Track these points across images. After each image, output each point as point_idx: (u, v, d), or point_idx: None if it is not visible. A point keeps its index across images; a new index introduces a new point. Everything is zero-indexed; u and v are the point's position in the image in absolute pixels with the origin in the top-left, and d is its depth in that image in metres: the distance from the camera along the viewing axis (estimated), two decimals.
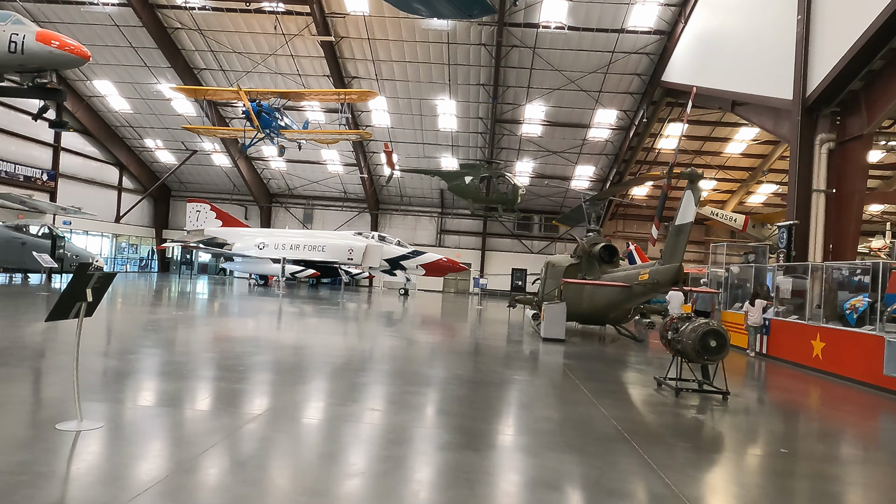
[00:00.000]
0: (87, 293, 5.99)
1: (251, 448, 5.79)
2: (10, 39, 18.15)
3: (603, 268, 16.50)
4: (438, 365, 11.64)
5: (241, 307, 23.02)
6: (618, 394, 10.17)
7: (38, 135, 35.42)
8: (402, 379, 9.86)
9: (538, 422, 7.55)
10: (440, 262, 36.98)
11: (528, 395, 9.34)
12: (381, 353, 12.63)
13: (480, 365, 12.02)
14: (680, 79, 28.85)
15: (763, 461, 6.74)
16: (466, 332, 19.18)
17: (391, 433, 6.58)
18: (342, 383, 9.20)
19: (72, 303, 5.96)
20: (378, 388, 9.14)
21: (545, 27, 29.68)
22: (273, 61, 33.37)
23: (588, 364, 12.98)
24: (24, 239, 27.11)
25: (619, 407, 8.91)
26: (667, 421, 8.25)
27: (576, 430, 7.30)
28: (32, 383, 8.04)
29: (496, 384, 10.03)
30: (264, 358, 11.03)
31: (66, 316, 6.00)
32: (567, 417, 7.90)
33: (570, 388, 10.05)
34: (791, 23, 18.31)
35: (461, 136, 38.87)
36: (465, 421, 7.41)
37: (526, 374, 11.52)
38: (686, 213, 11.50)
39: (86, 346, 10.60)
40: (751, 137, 36.97)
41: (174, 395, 7.78)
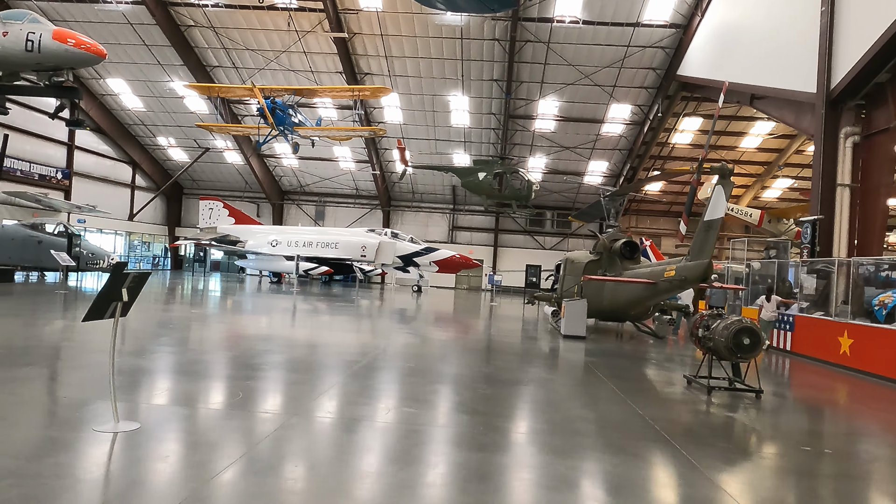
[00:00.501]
0: (122, 293, 5.92)
1: (293, 450, 5.70)
2: (27, 38, 18.17)
3: (624, 264, 16.33)
4: (462, 363, 11.54)
5: (258, 305, 23.00)
6: (648, 392, 10.03)
7: (53, 133, 35.56)
8: (428, 378, 9.76)
9: (574, 422, 7.43)
10: (453, 258, 36.87)
11: (558, 394, 9.22)
12: (403, 351, 12.53)
13: (504, 363, 11.90)
14: (696, 73, 28.57)
15: (811, 462, 6.58)
16: (484, 329, 19.06)
17: (428, 435, 6.48)
18: (369, 382, 9.11)
19: (108, 303, 5.89)
20: (405, 387, 9.05)
21: (559, 21, 29.44)
22: (286, 58, 33.31)
23: (612, 361, 12.83)
24: (40, 237, 27.23)
25: (653, 406, 8.77)
26: (704, 420, 8.12)
27: (614, 430, 7.17)
28: (63, 384, 7.99)
29: (524, 382, 9.92)
30: (287, 356, 10.96)
31: (102, 316, 5.93)
32: (602, 417, 7.78)
33: (598, 386, 9.92)
34: (814, 15, 18.03)
35: (474, 132, 38.70)
36: (500, 421, 7.30)
37: (552, 371, 11.39)
38: (716, 208, 11.32)
39: (105, 344, 10.59)
40: (767, 132, 36.56)
41: (204, 395, 7.72)
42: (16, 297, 19.56)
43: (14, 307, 16.65)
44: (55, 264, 26.53)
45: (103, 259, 28.33)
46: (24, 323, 13.56)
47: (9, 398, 6.90)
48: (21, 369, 8.43)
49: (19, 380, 7.90)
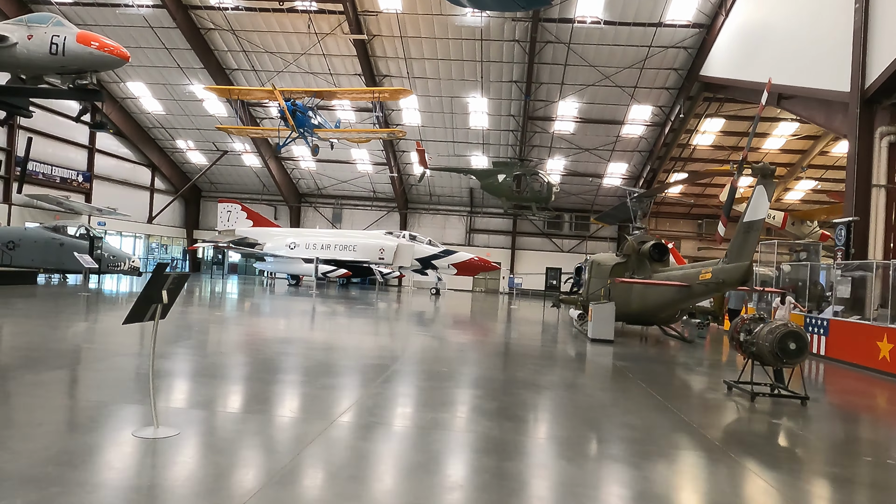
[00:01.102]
0: (162, 295, 5.77)
1: (337, 458, 5.51)
2: (52, 41, 18.19)
3: (653, 266, 16.03)
4: (494, 367, 11.32)
5: (279, 307, 22.91)
6: (690, 398, 9.74)
7: (74, 137, 35.81)
8: (463, 383, 9.56)
9: (622, 429, 7.18)
10: (472, 261, 36.65)
11: (599, 400, 8.96)
12: (432, 355, 12.33)
13: (537, 367, 11.65)
14: (720, 73, 28.19)
15: (877, 474, 6.29)
16: (509, 332, 18.82)
17: (480, 442, 6.26)
18: (405, 388, 8.93)
19: (148, 305, 5.74)
20: (445, 393, 8.83)
21: (580, 22, 29.16)
22: (305, 61, 33.30)
23: (645, 366, 12.54)
24: (62, 240, 27.35)
25: (698, 413, 8.51)
26: (753, 428, 7.85)
27: (664, 438, 6.92)
28: (96, 387, 7.86)
29: (561, 388, 9.68)
30: (317, 360, 10.79)
31: (143, 318, 5.78)
32: (649, 424, 7.52)
33: (637, 392, 9.65)
34: (847, 12, 17.65)
35: (492, 134, 38.49)
36: (549, 429, 7.08)
37: (587, 376, 11.13)
38: (757, 209, 11.02)
39: (133, 346, 10.48)
40: (790, 132, 36.03)
41: (238, 399, 7.57)
42: (40, 300, 19.60)
43: (40, 309, 16.65)
44: (77, 266, 26.66)
45: (124, 261, 28.42)
46: (52, 325, 13.52)
47: (43, 402, 6.79)
48: (53, 372, 8.34)
49: (52, 383, 7.79)
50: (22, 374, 8.04)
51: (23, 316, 14.68)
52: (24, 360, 9.09)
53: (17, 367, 8.59)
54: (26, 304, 17.88)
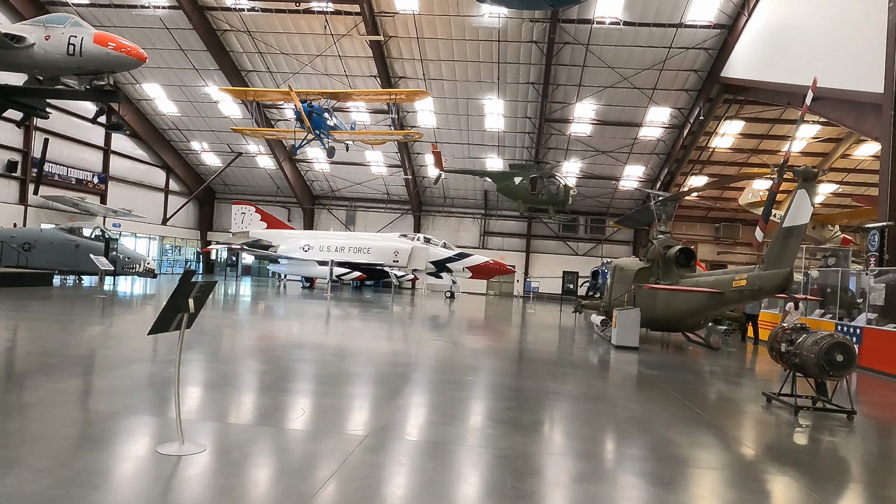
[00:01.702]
0: (189, 304, 5.47)
1: (373, 477, 5.18)
2: (69, 42, 18.08)
3: (680, 272, 15.60)
4: (522, 376, 10.97)
5: (296, 311, 22.65)
6: (729, 411, 9.32)
7: (90, 138, 35.82)
8: (495, 393, 9.21)
9: (668, 446, 6.81)
10: (487, 264, 36.31)
11: (635, 412, 8.57)
12: (458, 363, 11.98)
13: (567, 376, 11.29)
14: (742, 74, 27.69)
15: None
16: (531, 338, 18.44)
17: (519, 460, 5.91)
18: (438, 398, 8.60)
19: (174, 314, 5.45)
20: (477, 403, 8.49)
21: (599, 23, 28.76)
22: (320, 62, 33.10)
23: (676, 375, 12.14)
24: (77, 241, 27.28)
25: (743, 428, 8.12)
26: (803, 445, 7.44)
27: (715, 457, 6.54)
28: (115, 396, 7.58)
29: (594, 399, 9.30)
30: (341, 367, 10.49)
31: (168, 328, 5.49)
32: (696, 442, 7.13)
33: (673, 404, 9.26)
34: (879, 10, 17.16)
35: (508, 137, 38.13)
36: (588, 445, 6.72)
37: (618, 387, 10.74)
38: (798, 213, 10.58)
39: (150, 353, 10.20)
40: (811, 135, 35.41)
41: (262, 411, 7.26)
42: (56, 302, 19.45)
43: (56, 312, 16.47)
44: (93, 268, 26.53)
45: (139, 263, 28.30)
46: (68, 329, 13.32)
47: (62, 413, 6.51)
48: (71, 380, 8.09)
49: (70, 392, 7.53)
50: (39, 382, 7.79)
51: (39, 319, 14.49)
52: (41, 366, 8.85)
53: (33, 373, 8.35)
54: (42, 306, 17.73)
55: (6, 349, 10.16)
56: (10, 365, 9.02)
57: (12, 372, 8.52)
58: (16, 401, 6.86)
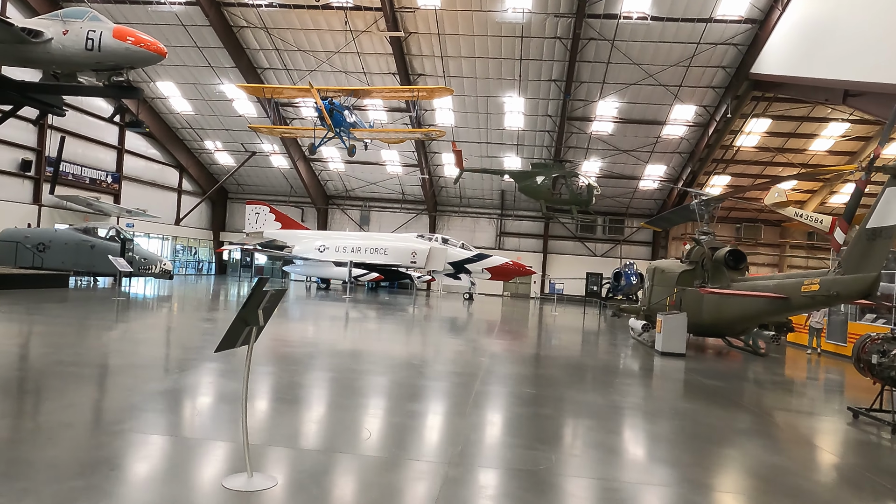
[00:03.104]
0: (259, 317, 4.80)
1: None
2: (88, 37, 17.50)
3: (731, 275, 14.85)
4: (580, 388, 10.28)
5: (321, 314, 21.99)
6: (818, 430, 8.58)
7: (104, 137, 35.27)
8: (564, 409, 8.52)
9: (767, 469, 6.09)
10: (506, 265, 35.58)
11: (713, 429, 7.84)
12: (513, 374, 11.27)
13: (626, 387, 10.58)
14: (774, 70, 26.90)
15: None
16: (571, 345, 17.76)
17: (628, 492, 5.20)
18: (507, 415, 7.92)
19: (243, 328, 4.77)
20: (550, 421, 7.79)
21: (627, 17, 28.00)
22: (338, 59, 32.45)
23: (740, 386, 11.43)
24: (93, 242, 26.70)
25: (849, 451, 7.38)
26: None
27: (833, 488, 5.83)
28: (165, 416, 6.92)
29: (670, 415, 8.58)
30: (391, 378, 9.81)
31: (235, 344, 4.81)
32: (798, 468, 6.41)
33: (752, 419, 8.55)
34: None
35: (527, 135, 37.38)
36: (697, 474, 6.00)
37: (687, 400, 10.00)
38: (886, 213, 9.84)
39: (192, 364, 9.54)
40: (840, 133, 34.59)
41: (328, 432, 6.58)
42: (75, 304, 18.84)
43: (78, 316, 15.83)
44: (108, 269, 25.94)
45: (155, 264, 27.69)
46: (95, 335, 12.70)
47: (108, 439, 5.84)
48: (110, 396, 7.43)
49: (112, 411, 6.87)
50: (74, 398, 7.13)
51: (63, 324, 13.85)
52: (72, 379, 8.19)
53: (63, 387, 7.68)
54: (62, 309, 17.11)
55: (32, 357, 9.52)
56: (38, 377, 8.36)
57: (41, 385, 7.87)
58: (51, 422, 6.20)
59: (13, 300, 17.88)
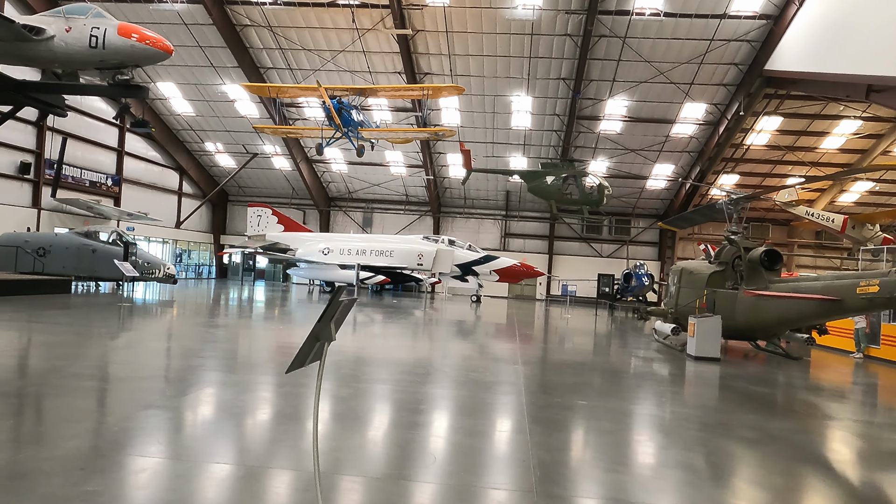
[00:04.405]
0: (332, 330, 4.19)
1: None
2: (91, 34, 16.86)
3: (768, 276, 14.30)
4: (621, 396, 9.71)
5: None
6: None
7: (104, 139, 34.55)
8: (627, 423, 7.93)
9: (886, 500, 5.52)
10: (515, 267, 35.00)
11: (791, 445, 7.26)
12: (556, 383, 10.68)
13: (670, 396, 10.02)
14: (790, 66, 26.44)
15: None
16: (594, 349, 17.20)
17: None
18: (571, 433, 7.31)
19: (314, 344, 4.17)
20: (622, 439, 7.20)
21: (639, 14, 27.53)
22: (343, 58, 31.84)
23: (793, 394, 10.86)
24: (94, 246, 25.99)
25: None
26: None
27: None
28: (211, 438, 6.30)
29: (727, 427, 7.97)
30: (433, 390, 9.19)
31: (305, 363, 4.20)
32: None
33: (825, 432, 7.97)
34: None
35: (534, 135, 36.84)
36: (786, 497, 5.43)
37: (739, 409, 9.37)
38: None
39: (218, 375, 8.92)
40: (851, 131, 34.20)
41: (391, 456, 5.96)
42: (78, 312, 18.14)
43: (85, 323, 15.15)
44: (110, 274, 25.29)
45: (158, 269, 26.98)
46: (117, 345, 12.05)
47: (160, 470, 5.21)
48: (141, 416, 6.80)
49: (157, 433, 6.24)
50: (104, 419, 6.50)
51: (71, 332, 13.16)
52: (95, 395, 7.56)
53: (89, 409, 7.05)
54: (66, 316, 16.41)
55: (42, 371, 8.85)
56: (56, 392, 7.72)
57: (59, 404, 7.23)
58: (82, 447, 5.57)
59: (14, 307, 17.19)
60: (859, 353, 16.81)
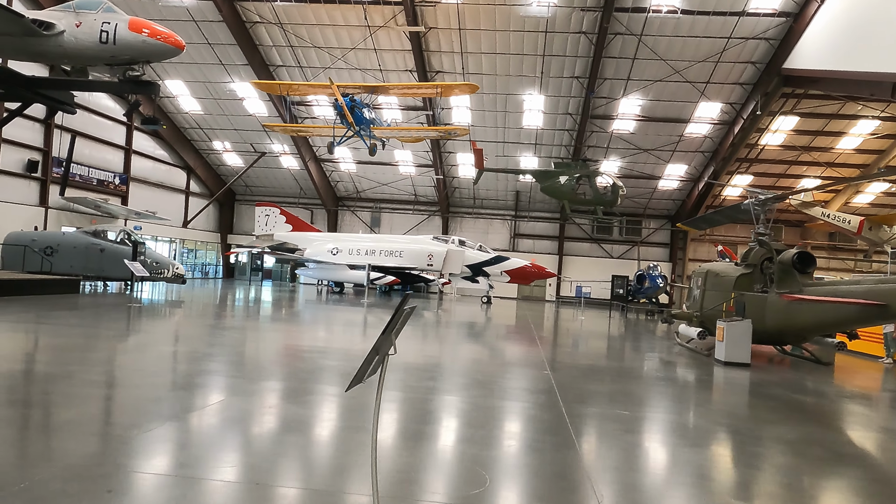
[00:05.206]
0: (393, 341, 3.78)
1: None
2: (102, 29, 16.50)
3: (802, 279, 13.84)
4: (660, 406, 9.29)
5: (352, 321, 20.94)
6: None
7: (112, 137, 34.23)
8: (662, 432, 7.50)
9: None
10: (526, 268, 34.54)
11: (878, 472, 6.84)
12: (593, 391, 10.23)
13: (709, 405, 9.58)
14: (810, 64, 25.95)
15: None
16: (618, 353, 16.78)
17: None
18: (617, 446, 6.89)
19: (373, 359, 3.75)
20: (662, 451, 6.78)
21: (656, 11, 27.07)
22: (353, 56, 31.43)
23: (842, 406, 10.40)
24: (102, 245, 25.66)
25: None
26: None
27: None
28: (256, 455, 5.88)
29: (790, 442, 7.54)
30: (458, 399, 8.77)
31: (364, 378, 3.78)
32: None
33: None
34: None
35: (545, 134, 36.40)
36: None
37: (791, 419, 8.93)
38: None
39: (243, 384, 8.50)
40: (868, 131, 33.68)
41: (443, 477, 5.53)
42: (89, 312, 17.77)
43: (97, 325, 14.77)
44: (118, 273, 24.96)
45: (168, 268, 26.61)
46: (120, 348, 11.65)
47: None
48: (180, 427, 6.38)
49: (202, 448, 5.82)
50: (140, 434, 6.09)
51: (84, 335, 12.78)
52: (120, 404, 7.15)
53: (126, 422, 6.64)
54: (75, 317, 16.03)
55: (57, 376, 8.45)
56: (76, 403, 7.31)
57: (80, 418, 6.82)
58: (128, 466, 5.16)
59: (23, 307, 16.84)
60: (889, 359, 16.41)
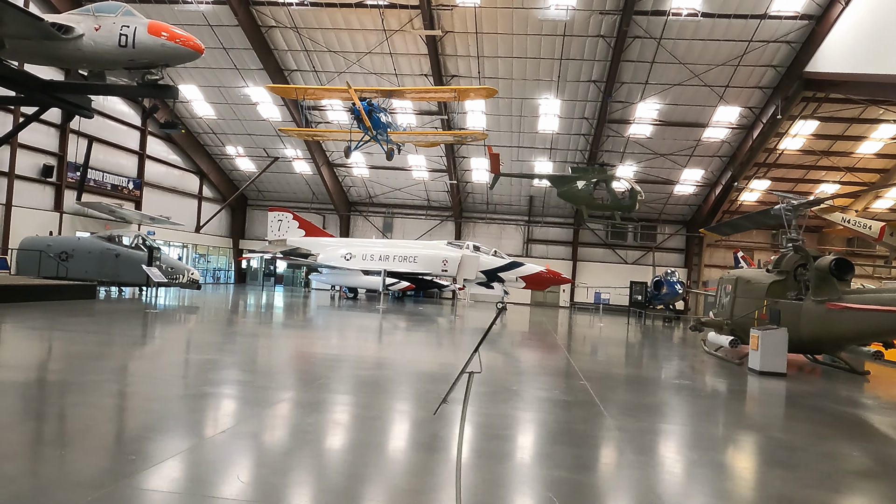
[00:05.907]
0: (478, 357, 3.48)
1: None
2: (121, 32, 16.33)
3: (840, 286, 13.48)
4: (707, 418, 8.95)
5: (373, 328, 20.66)
6: None
7: (125, 142, 34.16)
8: (713, 448, 7.17)
9: None
10: (541, 274, 34.10)
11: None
12: (619, 401, 9.90)
13: (755, 418, 9.23)
14: (833, 67, 25.58)
15: None
16: (647, 362, 16.42)
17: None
18: (672, 462, 6.57)
19: (461, 378, 3.45)
20: (720, 471, 6.45)
21: (676, 14, 26.78)
22: (368, 60, 31.26)
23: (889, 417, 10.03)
24: (117, 250, 25.50)
25: None
26: None
27: None
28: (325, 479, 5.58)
29: (858, 461, 7.20)
30: (498, 409, 8.44)
31: (446, 398, 3.48)
32: None
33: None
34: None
35: (561, 139, 36.10)
36: None
37: (850, 436, 8.59)
38: None
39: (269, 392, 8.21)
40: (890, 135, 33.21)
41: (508, 497, 5.21)
42: (107, 318, 17.55)
43: (116, 331, 14.54)
44: (133, 279, 24.81)
45: (183, 274, 26.40)
46: (142, 356, 11.39)
47: None
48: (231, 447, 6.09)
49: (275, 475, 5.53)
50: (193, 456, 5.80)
51: (105, 343, 12.53)
52: (164, 423, 6.86)
53: (164, 444, 6.35)
54: (93, 323, 15.80)
55: (84, 387, 8.18)
56: (121, 416, 7.04)
57: (122, 429, 6.55)
58: (174, 486, 4.87)
59: (40, 313, 16.62)
60: None
